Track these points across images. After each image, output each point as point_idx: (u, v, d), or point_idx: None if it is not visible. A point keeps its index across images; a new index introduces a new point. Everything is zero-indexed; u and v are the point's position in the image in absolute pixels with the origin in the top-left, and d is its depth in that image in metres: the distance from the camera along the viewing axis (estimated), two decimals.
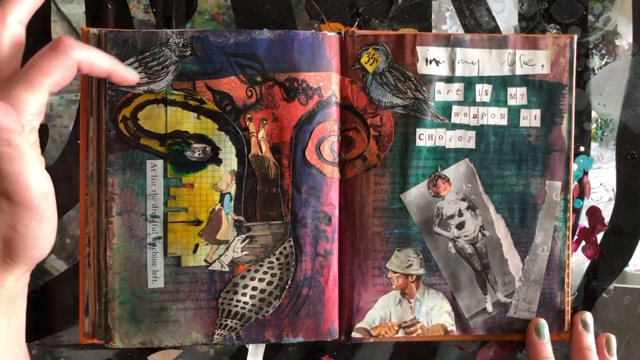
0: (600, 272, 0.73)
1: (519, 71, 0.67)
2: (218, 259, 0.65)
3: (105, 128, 0.63)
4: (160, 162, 0.64)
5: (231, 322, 0.66)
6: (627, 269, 0.73)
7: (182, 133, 0.64)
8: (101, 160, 0.64)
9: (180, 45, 0.64)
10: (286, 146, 0.65)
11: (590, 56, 0.72)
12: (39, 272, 0.68)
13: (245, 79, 0.64)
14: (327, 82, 0.65)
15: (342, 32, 0.66)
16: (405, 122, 0.67)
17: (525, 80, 0.68)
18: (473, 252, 0.68)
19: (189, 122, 0.64)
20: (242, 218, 0.65)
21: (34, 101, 0.50)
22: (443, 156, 0.68)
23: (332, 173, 0.66)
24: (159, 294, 0.65)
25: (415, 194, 0.68)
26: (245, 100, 0.64)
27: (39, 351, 0.69)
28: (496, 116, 0.68)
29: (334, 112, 0.66)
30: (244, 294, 0.65)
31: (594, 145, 0.72)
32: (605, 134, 0.72)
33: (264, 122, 0.64)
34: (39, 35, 0.67)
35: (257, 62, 0.64)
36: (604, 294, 0.73)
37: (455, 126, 0.68)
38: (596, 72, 0.72)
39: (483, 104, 0.68)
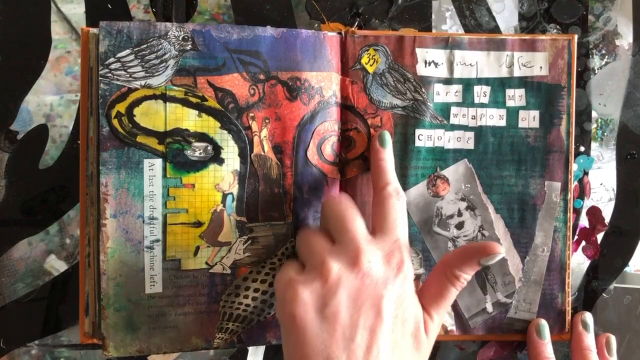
0: (601, 272, 0.73)
1: (517, 73, 0.68)
2: (220, 261, 0.64)
3: (98, 124, 0.61)
4: (158, 162, 0.62)
5: (232, 325, 0.65)
6: (627, 269, 0.73)
7: (182, 131, 0.62)
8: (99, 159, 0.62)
9: (181, 38, 0.62)
10: (288, 146, 0.64)
11: (591, 56, 0.72)
12: (39, 272, 0.68)
13: (248, 77, 0.63)
14: (328, 82, 0.65)
15: (343, 32, 0.66)
16: (405, 123, 0.67)
17: (523, 82, 0.68)
18: None
19: (190, 120, 0.62)
20: (244, 219, 0.64)
21: None
22: (442, 156, 0.68)
23: (333, 173, 0.66)
24: (157, 299, 0.63)
25: (414, 194, 0.68)
26: (248, 99, 0.63)
27: (39, 351, 0.69)
28: (495, 117, 0.68)
29: (334, 112, 0.66)
30: (245, 296, 0.65)
31: (594, 145, 0.72)
32: (605, 134, 0.72)
33: (267, 121, 0.64)
34: (39, 35, 0.67)
35: (260, 59, 0.63)
36: (604, 294, 0.73)
37: (454, 127, 0.68)
38: (596, 72, 0.72)
39: (482, 105, 0.68)
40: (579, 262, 0.73)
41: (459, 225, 0.68)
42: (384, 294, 0.54)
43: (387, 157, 0.64)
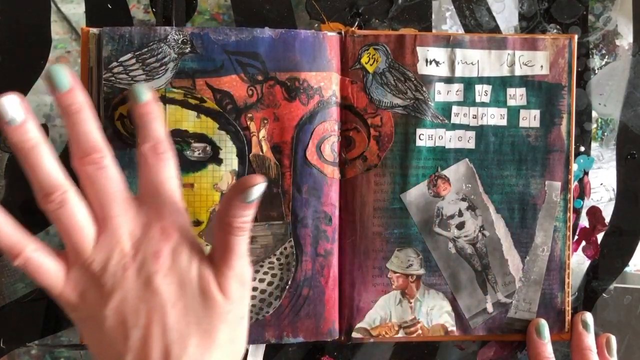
0: (601, 272, 0.73)
1: (518, 72, 0.68)
2: None
3: (102, 126, 0.62)
4: None
5: None
6: (627, 269, 0.73)
7: (181, 132, 0.63)
8: None
9: (180, 42, 0.63)
10: (287, 146, 0.65)
11: (591, 56, 0.72)
12: None
13: (246, 78, 0.64)
14: (328, 82, 0.65)
15: (343, 32, 0.66)
16: (406, 122, 0.67)
17: (524, 81, 0.68)
18: (473, 252, 0.68)
19: (189, 121, 0.63)
20: None
21: None
22: (443, 156, 0.68)
23: (333, 173, 0.66)
24: None
25: (415, 194, 0.68)
26: (246, 100, 0.64)
27: (39, 351, 0.69)
28: (496, 117, 0.68)
29: (334, 112, 0.66)
30: None
31: (594, 145, 0.72)
32: (605, 134, 0.72)
33: (265, 121, 0.64)
34: (39, 35, 0.67)
35: (259, 60, 0.64)
36: (604, 294, 0.73)
37: (455, 126, 0.68)
38: (596, 72, 0.72)
39: (483, 104, 0.68)
40: (579, 262, 0.73)
41: (460, 226, 0.68)
42: (155, 269, 0.51)
43: (146, 110, 0.56)
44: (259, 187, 0.51)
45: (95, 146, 0.52)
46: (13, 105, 0.50)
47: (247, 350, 0.71)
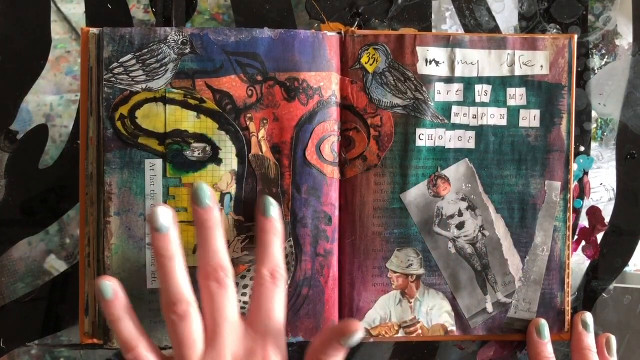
0: (601, 272, 0.73)
1: (518, 72, 0.67)
2: None
3: (103, 127, 0.63)
4: (159, 162, 0.64)
5: None
6: (627, 269, 0.73)
7: (181, 132, 0.64)
8: (100, 159, 0.63)
9: (180, 42, 0.63)
10: (287, 146, 0.65)
11: (591, 56, 0.72)
12: (39, 272, 0.68)
13: (245, 78, 0.64)
14: (328, 82, 0.65)
15: (342, 32, 0.66)
16: (406, 122, 0.67)
17: (524, 81, 0.68)
18: (473, 252, 0.68)
19: (189, 121, 0.64)
20: (242, 218, 0.65)
21: None
22: (443, 156, 0.68)
23: (333, 173, 0.66)
24: (158, 294, 0.63)
25: (415, 194, 0.68)
26: (245, 100, 0.64)
27: (39, 351, 0.69)
28: (496, 117, 0.68)
29: (334, 112, 0.66)
30: (244, 294, 0.65)
31: (594, 145, 0.72)
32: (605, 134, 0.72)
33: (265, 121, 0.64)
34: (39, 35, 0.67)
35: (258, 61, 0.64)
36: (604, 294, 0.73)
37: (455, 126, 0.68)
38: (596, 72, 0.72)
39: (483, 104, 0.68)
40: (579, 262, 0.73)
41: (460, 226, 0.68)
42: None
43: (271, 227, 0.60)
44: (359, 335, 0.54)
45: (222, 265, 0.57)
46: (165, 215, 0.56)
47: None
